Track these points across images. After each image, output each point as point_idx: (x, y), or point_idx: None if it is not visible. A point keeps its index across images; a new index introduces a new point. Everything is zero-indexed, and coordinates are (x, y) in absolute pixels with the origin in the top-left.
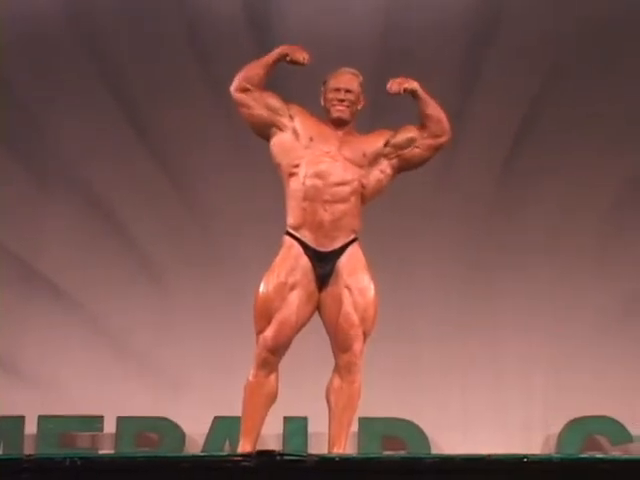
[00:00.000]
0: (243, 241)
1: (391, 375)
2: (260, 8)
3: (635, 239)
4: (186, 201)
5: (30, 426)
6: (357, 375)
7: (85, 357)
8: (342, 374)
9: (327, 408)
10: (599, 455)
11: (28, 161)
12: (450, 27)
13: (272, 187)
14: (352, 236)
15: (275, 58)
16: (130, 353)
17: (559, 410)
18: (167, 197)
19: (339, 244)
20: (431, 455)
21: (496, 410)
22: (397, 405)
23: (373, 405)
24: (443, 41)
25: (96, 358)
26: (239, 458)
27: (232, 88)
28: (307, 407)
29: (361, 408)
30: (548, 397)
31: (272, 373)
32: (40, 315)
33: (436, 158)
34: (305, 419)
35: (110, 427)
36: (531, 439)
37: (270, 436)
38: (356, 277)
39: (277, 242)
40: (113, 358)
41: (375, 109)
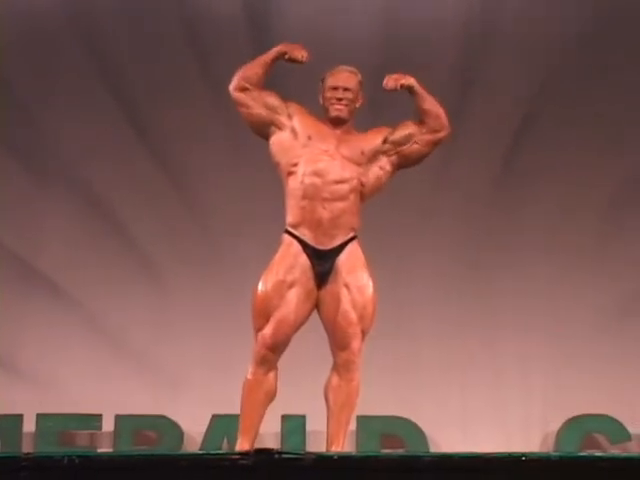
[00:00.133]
0: (242, 240)
1: (390, 373)
2: (260, 8)
3: (634, 239)
4: (185, 200)
5: (28, 424)
6: (355, 373)
7: (84, 355)
8: (340, 372)
9: (325, 406)
10: (598, 453)
11: (27, 160)
12: (449, 26)
13: (271, 187)
14: (351, 234)
15: (273, 56)
16: (129, 351)
17: (558, 408)
18: (166, 196)
19: (338, 242)
20: (429, 453)
21: (495, 408)
22: (396, 403)
23: (371, 403)
24: (442, 40)
25: (95, 356)
26: (237, 456)
27: (231, 87)
28: (305, 405)
29: (359, 406)
30: (547, 395)
31: (271, 371)
32: (39, 313)
33: (435, 156)
34: (303, 417)
35: (108, 425)
36: (530, 437)
37: (268, 434)
38: (355, 275)
39: (276, 241)
40: (112, 356)
41: (374, 107)
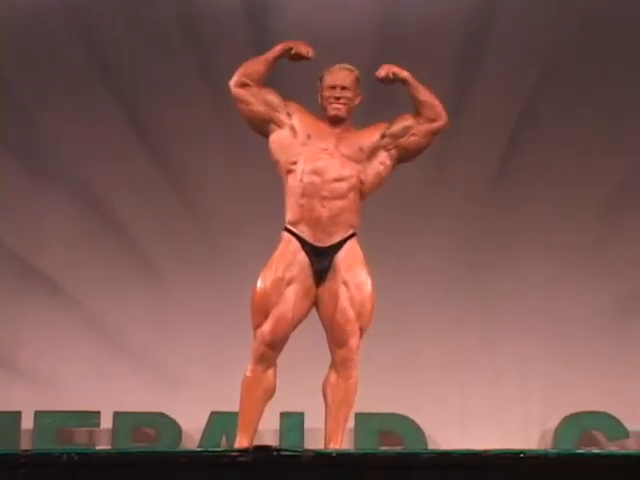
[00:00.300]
0: (241, 240)
1: (388, 371)
2: (259, 2)
3: (633, 238)
4: (184, 200)
5: (27, 421)
6: (353, 371)
7: (82, 353)
8: (338, 370)
9: (324, 404)
10: (595, 450)
11: (26, 159)
12: (448, 22)
13: (270, 186)
14: (350, 231)
15: (277, 54)
16: (127, 349)
17: (556, 406)
18: (165, 196)
19: (337, 239)
20: (428, 450)
21: (493, 406)
22: (394, 401)
23: (370, 400)
24: (440, 36)
25: (93, 354)
26: (236, 453)
27: (231, 83)
28: (304, 403)
29: (358, 403)
30: (545, 393)
31: (270, 368)
32: (38, 312)
33: (434, 155)
34: (302, 415)
35: (107, 422)
36: (528, 434)
37: (267, 431)
38: (353, 272)
39: (275, 240)
40: (110, 354)
41: (373, 103)
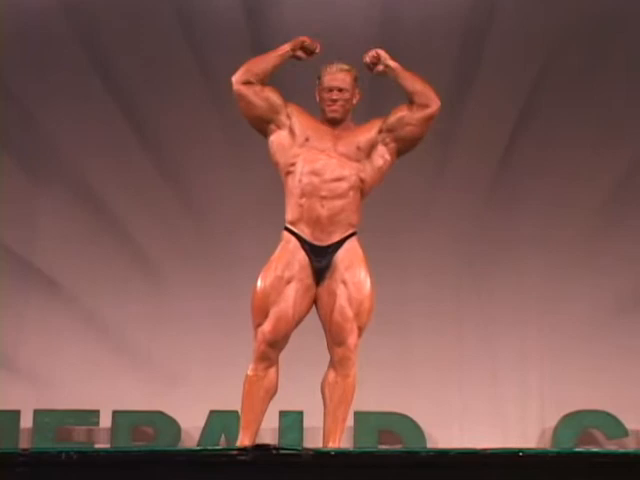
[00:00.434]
0: (239, 236)
1: (387, 369)
2: (258, 2)
3: (630, 235)
4: (182, 196)
5: (26, 420)
6: (352, 369)
7: (81, 351)
8: (337, 368)
9: (322, 402)
10: (594, 449)
11: (24, 158)
12: (446, 20)
13: (268, 183)
14: (350, 230)
15: (286, 51)
16: (126, 347)
17: (555, 404)
18: (165, 195)
19: (336, 238)
20: (426, 449)
21: (492, 404)
22: (393, 399)
23: (369, 399)
24: (439, 34)
25: (92, 352)
26: (235, 452)
27: (234, 79)
28: (303, 401)
29: (357, 402)
30: (544, 391)
31: (271, 367)
32: (35, 310)
33: (432, 153)
34: (301, 413)
35: (106, 421)
36: (527, 433)
37: (266, 430)
38: (352, 271)
39: (273, 237)
40: (109, 352)
41: (372, 100)
